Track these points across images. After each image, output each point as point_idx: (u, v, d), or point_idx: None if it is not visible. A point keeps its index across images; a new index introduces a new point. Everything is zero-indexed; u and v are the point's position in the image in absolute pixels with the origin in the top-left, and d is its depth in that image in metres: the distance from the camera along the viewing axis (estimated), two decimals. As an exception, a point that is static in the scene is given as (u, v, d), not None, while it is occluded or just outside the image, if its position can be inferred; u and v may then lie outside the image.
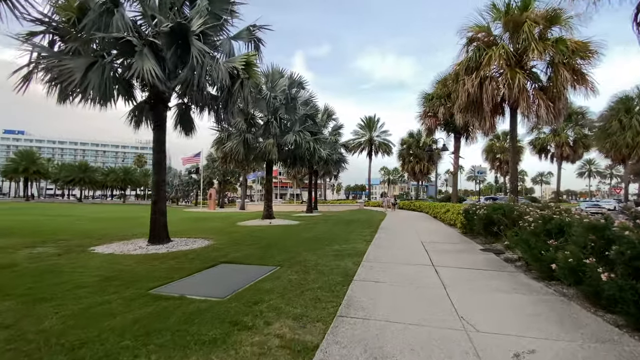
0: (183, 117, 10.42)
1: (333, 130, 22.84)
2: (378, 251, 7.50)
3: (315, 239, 9.54)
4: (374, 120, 42.46)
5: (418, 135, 36.60)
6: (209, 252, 7.39)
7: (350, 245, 8.31)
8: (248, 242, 8.98)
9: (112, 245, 8.17)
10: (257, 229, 12.16)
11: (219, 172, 38.23)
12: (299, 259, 6.70)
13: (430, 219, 18.52)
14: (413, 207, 28.40)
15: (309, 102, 15.17)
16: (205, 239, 9.56)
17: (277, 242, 8.94)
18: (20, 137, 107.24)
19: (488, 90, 9.16)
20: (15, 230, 10.94)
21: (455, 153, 19.56)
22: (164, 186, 8.68)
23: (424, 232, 11.35)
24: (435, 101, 17.93)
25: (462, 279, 5.13)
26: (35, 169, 54.76)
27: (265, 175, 15.17)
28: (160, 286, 4.77)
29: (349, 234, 10.73)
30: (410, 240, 9.46)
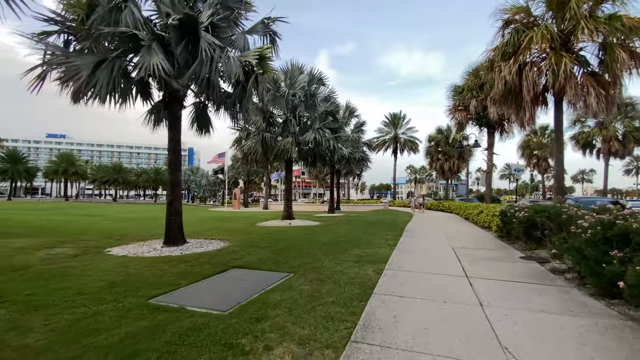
0: (200, 117, 10.21)
1: (355, 128, 22.06)
2: (403, 257, 6.80)
3: (334, 242, 8.98)
4: (399, 116, 41.09)
5: (447, 131, 34.76)
6: (223, 255, 7.05)
7: (372, 250, 7.66)
8: (264, 244, 8.59)
9: (128, 246, 8.06)
10: (276, 230, 11.78)
11: (244, 172, 38.62)
12: (316, 264, 6.18)
13: (461, 220, 17.34)
14: (442, 207, 26.98)
15: (329, 99, 14.60)
16: (222, 240, 9.29)
17: (294, 244, 8.47)
18: (61, 141, 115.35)
19: (528, 77, 8.10)
20: (44, 230, 11.29)
21: (488, 149, 18.15)
22: (180, 186, 8.48)
23: (455, 236, 10.43)
24: (466, 93, 16.65)
25: (502, 294, 4.35)
26: (73, 170, 58.40)
27: (285, 175, 14.80)
28: (162, 295, 4.44)
29: (371, 236, 10.05)
30: (439, 245, 8.64)
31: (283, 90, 12.71)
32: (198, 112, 10.16)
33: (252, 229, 11.98)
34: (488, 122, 16.99)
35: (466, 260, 6.58)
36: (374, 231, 11.49)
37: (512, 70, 8.20)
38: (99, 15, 6.01)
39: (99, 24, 6.02)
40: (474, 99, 16.13)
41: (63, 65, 5.73)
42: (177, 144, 8.34)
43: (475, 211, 14.91)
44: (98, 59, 6.12)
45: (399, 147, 41.06)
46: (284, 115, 13.21)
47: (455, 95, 17.65)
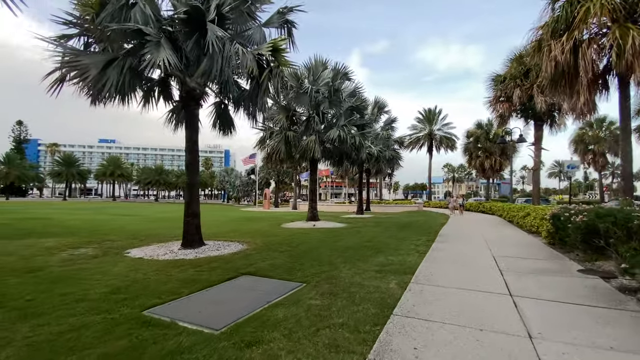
0: (221, 117, 10.03)
1: (385, 125, 20.99)
2: (433, 267, 5.96)
3: (358, 247, 8.29)
4: (434, 112, 39.01)
5: (487, 126, 32.13)
6: (237, 260, 6.69)
7: (398, 258, 6.88)
8: (283, 247, 8.14)
9: (148, 248, 8.00)
10: (299, 232, 11.32)
11: (274, 173, 38.90)
12: (332, 273, 5.58)
13: (504, 223, 15.74)
14: (482, 208, 25.00)
15: (355, 94, 13.85)
16: (241, 242, 8.99)
17: (314, 249, 7.93)
18: (111, 145, 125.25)
19: (586, 55, 6.79)
20: (79, 230, 11.78)
21: (535, 144, 16.25)
22: (197, 188, 8.28)
23: (497, 242, 9.26)
24: (508, 82, 14.94)
25: (557, 321, 3.45)
26: (119, 173, 62.94)
27: (310, 175, 14.31)
28: (159, 305, 4.10)
29: (399, 241, 9.21)
30: (477, 252, 7.61)
31: (306, 87, 12.21)
32: (219, 112, 9.99)
33: (275, 231, 11.63)
34: (535, 114, 15.15)
35: (510, 272, 5.60)
36: (403, 235, 10.61)
37: (565, 48, 6.93)
38: (108, 13, 5.88)
39: (108, 21, 5.88)
40: (517, 88, 14.39)
41: (72, 64, 5.66)
42: (195, 144, 8.14)
43: (520, 213, 13.37)
44: (108, 58, 6.01)
45: (435, 145, 38.98)
46: (307, 112, 12.72)
47: (496, 85, 15.94)
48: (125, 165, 65.34)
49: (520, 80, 14.50)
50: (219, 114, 10.00)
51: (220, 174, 60.58)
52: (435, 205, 36.51)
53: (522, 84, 14.39)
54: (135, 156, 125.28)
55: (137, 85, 6.81)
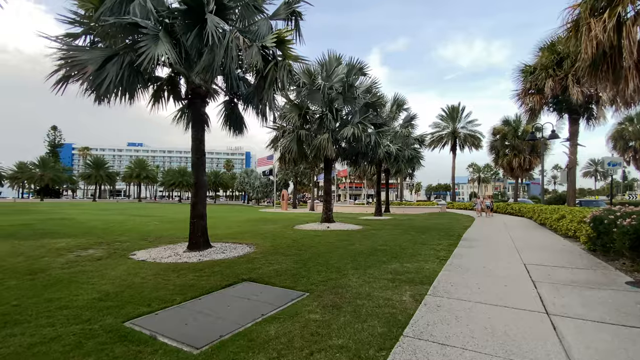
0: (230, 115, 9.78)
1: (404, 122, 20.07)
2: (454, 277, 5.30)
3: (371, 251, 7.70)
4: (457, 109, 37.41)
5: (516, 122, 30.14)
6: (241, 264, 6.31)
7: (415, 265, 6.25)
8: (292, 251, 7.70)
9: (154, 250, 7.81)
10: (311, 234, 10.85)
11: (292, 174, 38.73)
12: (340, 282, 5.07)
13: (536, 227, 14.55)
14: (511, 210, 23.49)
15: (371, 90, 13.21)
16: (249, 244, 8.65)
17: (324, 253, 7.43)
18: (139, 149, 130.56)
19: (631, 33, 5.83)
20: (94, 230, 11.91)
21: (570, 140, 14.85)
22: (204, 188, 8.00)
23: (528, 247, 8.37)
24: (539, 73, 13.62)
25: (608, 350, 2.75)
26: (145, 175, 65.44)
27: (324, 175, 13.82)
28: (146, 314, 3.79)
29: (418, 246, 8.53)
30: (505, 259, 6.83)
31: (318, 84, 11.74)
32: (228, 110, 9.74)
33: (287, 233, 11.22)
34: (570, 107, 13.76)
35: (545, 284, 4.85)
36: (423, 239, 9.88)
37: (607, 26, 6.02)
38: (107, 7, 5.69)
39: (107, 16, 5.67)
40: (549, 78, 13.10)
41: (70, 61, 5.50)
42: (200, 143, 7.88)
43: (554, 215, 12.24)
44: (107, 54, 5.81)
45: (458, 143, 37.38)
46: (320, 110, 12.24)
47: (524, 76, 14.63)
48: (150, 167, 67.70)
49: (552, 70, 13.21)
50: (229, 113, 9.75)
51: (240, 175, 61.35)
52: (459, 206, 34.93)
53: (555, 74, 13.10)
54: (161, 159, 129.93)
55: (139, 83, 6.60)
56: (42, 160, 58.40)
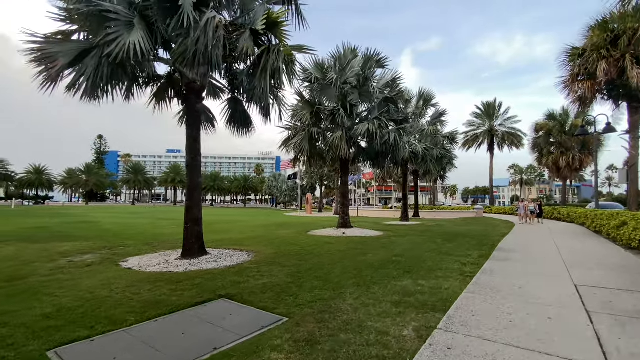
0: (234, 113, 9.22)
1: (432, 119, 18.45)
2: (478, 302, 4.14)
3: (383, 263, 6.64)
4: (494, 105, 34.54)
5: (562, 117, 26.87)
6: (228, 276, 5.59)
7: (432, 282, 5.13)
8: (292, 260, 6.87)
9: (148, 256, 7.35)
10: (322, 241, 9.94)
11: (317, 177, 38.03)
12: (332, 303, 4.16)
13: (588, 235, 12.50)
14: (558, 215, 20.87)
15: (394, 84, 12.03)
16: (250, 251, 7.95)
17: (327, 264, 6.52)
18: (177, 155, 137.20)
19: None
20: (106, 234, 11.89)
21: (630, 132, 12.48)
22: (199, 191, 7.43)
23: (580, 262, 6.84)
24: (590, 55, 11.50)
25: None
26: (179, 179, 68.22)
27: (340, 177, 12.85)
28: (80, 340, 3.16)
29: (441, 257, 7.32)
30: (550, 278, 5.47)
31: (330, 78, 10.84)
32: (232, 107, 9.21)
33: (298, 239, 10.40)
34: (628, 93, 11.50)
35: (606, 317, 3.56)
36: (448, 248, 8.60)
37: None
38: (83, -5, 5.24)
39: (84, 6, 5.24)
40: (602, 60, 10.98)
41: (40, 54, 5.12)
42: (195, 142, 7.33)
43: (612, 222, 10.28)
44: (84, 47, 5.40)
45: (496, 142, 34.42)
46: (332, 106, 11.31)
47: (572, 60, 12.52)
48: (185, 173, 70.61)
49: (605, 50, 11.10)
50: (232, 110, 9.20)
51: (269, 179, 61.90)
52: (498, 210, 32.11)
53: (609, 55, 11.00)
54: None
55: (124, 78, 6.15)
56: (87, 166, 63.26)
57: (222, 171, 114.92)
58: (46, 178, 60.45)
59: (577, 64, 12.38)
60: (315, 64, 11.58)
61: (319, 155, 12.88)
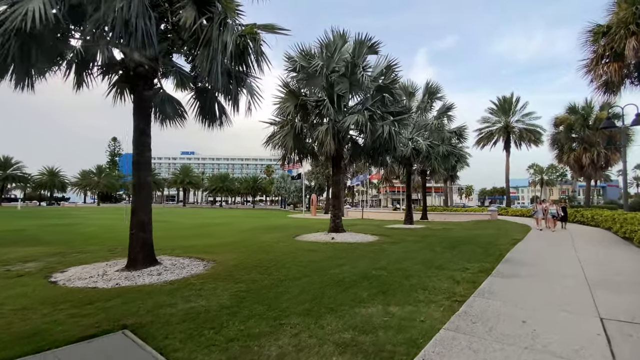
0: (203, 104, 8.24)
1: (439, 113, 16.92)
2: (457, 351, 2.90)
3: (357, 279, 5.45)
4: (510, 100, 32.41)
5: (586, 109, 24.49)
6: (156, 297, 4.57)
7: (406, 310, 3.94)
8: (251, 275, 5.79)
9: (89, 267, 6.44)
10: (303, 248, 8.81)
11: (322, 178, 36.85)
12: (254, 344, 3.07)
13: (616, 242, 10.86)
14: (581, 218, 18.92)
15: (385, 72, 10.73)
16: (210, 261, 6.92)
17: (288, 280, 5.40)
18: (191, 157, 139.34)
19: None
20: (77, 237, 11.15)
21: (668, 123, 10.77)
22: (147, 190, 6.44)
23: (607, 282, 5.45)
24: (616, 32, 9.73)
25: None
26: (188, 181, 68.53)
27: (332, 175, 11.65)
28: None
29: (432, 271, 6.06)
30: (567, 306, 4.15)
31: (315, 65, 9.68)
32: (200, 98, 8.21)
33: (277, 246, 9.29)
34: None
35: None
36: (445, 259, 7.30)
37: None
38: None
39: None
40: (632, 37, 9.18)
41: None
42: (143, 134, 6.35)
43: (647, 228, 8.68)
44: None
45: (513, 139, 32.24)
46: (317, 96, 10.12)
47: (595, 39, 10.80)
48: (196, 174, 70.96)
49: (635, 25, 9.34)
50: (201, 101, 8.21)
51: (277, 180, 61.18)
52: (515, 212, 30.00)
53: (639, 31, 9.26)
54: (210, 166, 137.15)
55: (45, 59, 5.22)
56: (98, 168, 64.31)
57: (234, 173, 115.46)
58: (59, 180, 61.77)
59: (602, 43, 10.67)
60: (301, 52, 10.48)
61: (309, 153, 11.75)
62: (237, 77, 7.68)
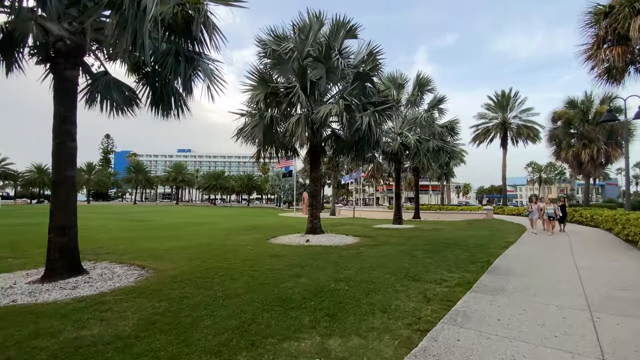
0: (155, 90, 7.29)
1: (429, 107, 15.88)
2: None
3: (309, 296, 4.52)
4: (508, 95, 31.38)
5: (585, 103, 23.36)
6: (49, 320, 3.68)
7: (350, 345, 3.04)
8: (184, 290, 4.86)
9: (2, 276, 5.45)
10: (269, 253, 7.87)
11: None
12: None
13: (620, 246, 9.97)
14: (580, 218, 18.02)
15: (367, 59, 9.70)
16: (148, 270, 5.96)
17: (225, 298, 4.48)
18: (187, 154, 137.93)
19: None
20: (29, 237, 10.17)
21: (677, 115, 9.80)
22: (68, 189, 5.47)
23: (611, 301, 4.54)
24: (620, 11, 8.66)
25: None
26: (181, 178, 67.33)
27: (310, 172, 10.70)
28: None
29: (405, 283, 5.14)
30: (561, 341, 3.22)
31: (286, 47, 8.67)
32: (151, 83, 7.25)
33: (242, 251, 8.34)
34: None
35: None
36: (424, 267, 6.37)
37: None
38: None
39: None
40: (637, 16, 8.09)
41: None
42: (65, 122, 5.39)
43: (654, 230, 7.76)
44: None
45: (510, 136, 31.28)
46: (287, 84, 9.11)
47: (597, 21, 9.76)
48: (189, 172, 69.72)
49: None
50: (151, 86, 7.26)
51: (272, 178, 60.14)
52: (511, 211, 29.14)
53: None
54: (207, 164, 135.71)
55: None
56: (88, 165, 63.03)
57: (231, 170, 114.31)
58: (48, 177, 60.47)
59: (603, 25, 9.64)
60: (274, 35, 9.50)
61: (284, 147, 10.78)
62: (188, 57, 6.76)
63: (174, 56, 6.61)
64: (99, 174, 63.69)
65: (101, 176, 64.12)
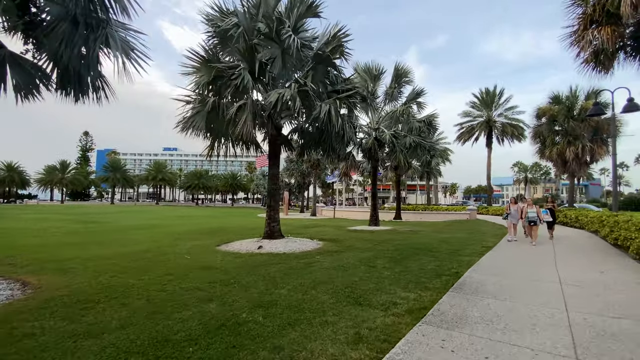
0: (59, 66, 5.96)
1: (407, 100, 14.76)
2: None
3: (204, 332, 3.31)
4: (494, 93, 30.69)
5: (570, 99, 22.66)
6: None
7: None
8: (41, 322, 3.57)
9: None
10: (202, 265, 6.63)
11: (297, 174, 34.52)
12: None
13: (608, 251, 9.08)
14: (564, 219, 17.24)
15: (331, 40, 8.51)
16: (29, 288, 4.64)
17: (85, 337, 3.21)
18: (173, 153, 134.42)
19: None
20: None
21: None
22: None
23: (603, 332, 3.45)
24: None
25: None
26: (161, 177, 64.92)
27: (269, 169, 9.47)
28: None
29: (339, 310, 3.98)
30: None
31: (230, 23, 7.44)
32: (53, 56, 5.92)
33: (175, 261, 7.06)
34: None
35: None
36: (378, 282, 5.23)
37: None
38: None
39: None
40: None
41: None
42: None
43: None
44: None
45: (495, 134, 30.63)
46: (229, 64, 7.84)
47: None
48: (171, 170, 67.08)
49: None
50: (53, 60, 5.93)
51: (257, 177, 58.50)
52: (496, 211, 28.46)
53: None
54: (193, 163, 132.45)
55: None
56: (61, 164, 60.02)
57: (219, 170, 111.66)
58: (19, 176, 57.41)
59: (591, 3, 8.69)
60: (219, 10, 8.25)
61: (243, 140, 9.52)
62: (89, 23, 5.46)
63: (70, 21, 5.33)
64: (75, 173, 60.81)
65: (77, 175, 61.26)
